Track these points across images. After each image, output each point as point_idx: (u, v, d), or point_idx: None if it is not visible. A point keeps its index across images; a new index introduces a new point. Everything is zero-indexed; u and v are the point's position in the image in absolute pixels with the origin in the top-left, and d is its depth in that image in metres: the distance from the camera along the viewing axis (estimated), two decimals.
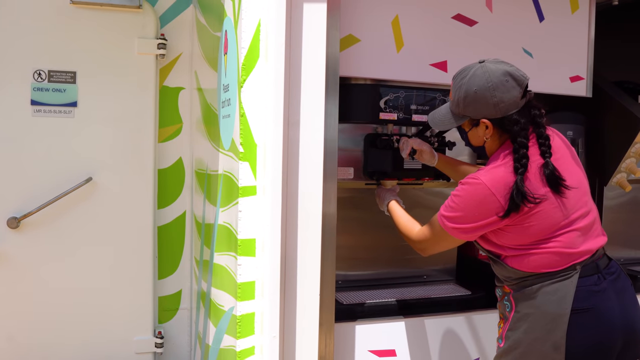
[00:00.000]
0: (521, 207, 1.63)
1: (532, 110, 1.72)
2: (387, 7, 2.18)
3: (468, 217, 1.69)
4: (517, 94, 1.68)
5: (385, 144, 2.22)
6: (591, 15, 2.54)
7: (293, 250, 1.90)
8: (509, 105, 1.68)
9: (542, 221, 1.66)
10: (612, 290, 1.69)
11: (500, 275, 1.81)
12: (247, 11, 1.87)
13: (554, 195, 1.66)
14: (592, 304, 1.65)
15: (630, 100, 2.72)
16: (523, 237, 1.69)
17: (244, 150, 1.87)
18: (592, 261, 1.70)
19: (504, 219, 1.65)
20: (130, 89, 2.83)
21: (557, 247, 1.67)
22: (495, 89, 1.67)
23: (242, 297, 1.89)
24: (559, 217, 1.67)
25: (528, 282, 1.71)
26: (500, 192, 1.64)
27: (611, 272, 1.72)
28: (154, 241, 2.92)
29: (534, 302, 1.68)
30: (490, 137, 1.76)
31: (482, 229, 1.70)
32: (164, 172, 2.96)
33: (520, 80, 1.69)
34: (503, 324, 1.80)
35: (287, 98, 1.84)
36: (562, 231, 1.67)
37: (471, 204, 1.68)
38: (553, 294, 1.66)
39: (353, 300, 2.27)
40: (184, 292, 3.02)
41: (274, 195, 1.83)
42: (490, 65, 1.70)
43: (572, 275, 1.67)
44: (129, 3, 2.79)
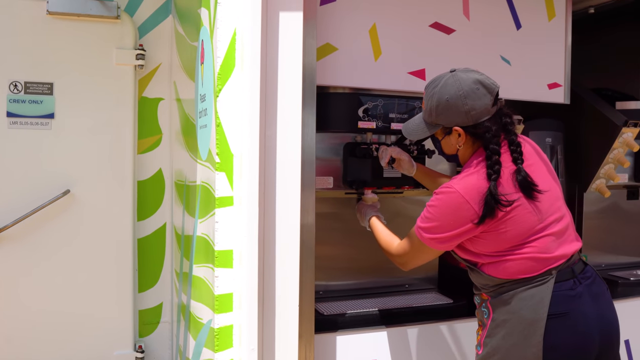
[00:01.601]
0: (496, 212, 1.63)
1: (504, 118, 1.74)
2: (365, 15, 2.18)
3: (444, 227, 1.69)
4: (488, 102, 1.70)
5: (365, 152, 2.21)
6: (568, 23, 2.56)
7: (271, 261, 1.87)
8: (481, 112, 1.70)
9: (517, 226, 1.66)
10: (588, 295, 1.70)
11: (478, 283, 1.81)
12: (223, 20, 1.85)
13: (527, 201, 1.67)
14: (568, 309, 1.65)
15: (608, 107, 2.74)
16: (498, 244, 1.69)
17: (221, 160, 1.85)
18: (567, 266, 1.71)
19: (479, 225, 1.65)
20: (108, 100, 2.80)
21: (532, 252, 1.67)
22: (466, 97, 1.69)
23: (219, 309, 1.86)
24: (533, 222, 1.67)
25: (505, 289, 1.71)
26: (474, 199, 1.65)
27: (587, 277, 1.73)
28: (134, 254, 2.88)
29: (511, 308, 1.68)
30: (462, 145, 1.77)
31: (459, 237, 1.70)
32: (143, 183, 2.93)
33: (491, 88, 1.71)
34: (481, 331, 1.80)
35: (263, 107, 1.83)
36: (536, 236, 1.68)
37: (446, 213, 1.68)
38: (529, 299, 1.66)
39: (334, 311, 2.24)
40: (165, 305, 2.98)
41: (250, 205, 1.81)
42: (461, 74, 1.72)
43: (548, 280, 1.67)
44: (106, 13, 2.77)
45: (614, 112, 2.71)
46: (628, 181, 2.91)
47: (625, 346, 2.60)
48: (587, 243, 2.92)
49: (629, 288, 2.75)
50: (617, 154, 2.68)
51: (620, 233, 3.06)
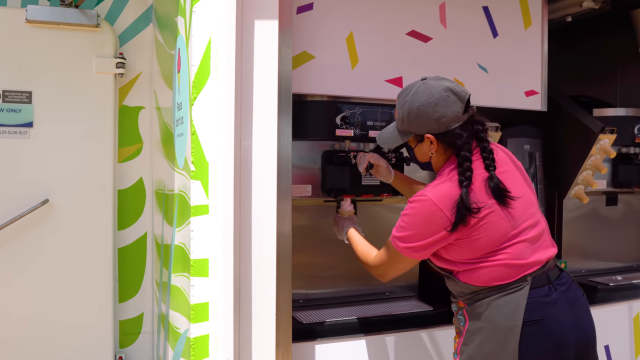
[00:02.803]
0: (468, 219, 1.63)
1: (475, 125, 1.75)
2: (341, 23, 2.19)
3: (418, 235, 1.69)
4: (458, 109, 1.71)
5: (343, 160, 2.21)
6: (544, 31, 2.59)
7: (247, 270, 1.86)
8: (451, 119, 1.71)
9: (490, 233, 1.66)
10: (564, 301, 1.70)
11: (454, 291, 1.81)
12: (198, 28, 1.85)
13: (500, 207, 1.68)
14: (543, 315, 1.66)
15: (585, 114, 2.76)
16: (473, 251, 1.69)
17: (196, 168, 1.85)
18: (542, 272, 1.71)
19: (453, 232, 1.65)
20: (88, 109, 2.79)
21: (506, 258, 1.67)
22: (437, 104, 1.70)
23: (195, 318, 1.85)
24: (507, 228, 1.68)
25: (480, 296, 1.71)
26: (447, 206, 1.65)
27: (562, 283, 1.73)
28: (114, 263, 2.85)
29: (486, 315, 1.69)
30: (435, 153, 1.79)
31: (434, 245, 1.70)
32: (124, 192, 2.91)
33: (461, 95, 1.72)
34: (458, 338, 1.80)
35: (238, 115, 1.82)
36: (510, 242, 1.68)
37: (420, 221, 1.69)
38: (504, 306, 1.66)
39: (313, 319, 2.23)
40: (146, 316, 2.95)
41: (226, 214, 1.80)
42: (431, 82, 1.74)
43: (523, 287, 1.67)
44: (86, 22, 2.75)
45: (591, 119, 2.73)
46: (606, 187, 2.94)
47: (605, 352, 2.61)
48: (567, 249, 2.93)
49: (608, 294, 2.76)
50: (595, 161, 2.71)
51: (599, 239, 3.08)
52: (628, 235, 3.20)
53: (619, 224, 3.15)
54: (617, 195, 3.11)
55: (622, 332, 2.69)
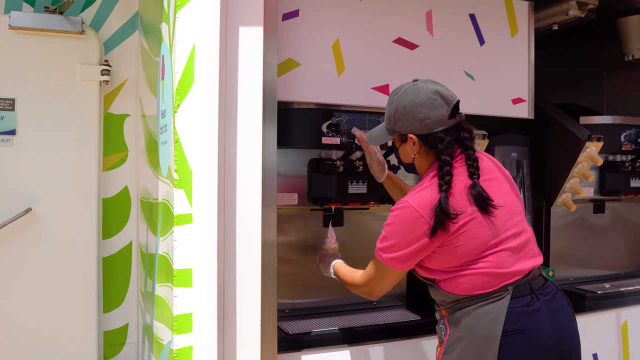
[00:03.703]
0: (447, 224, 1.62)
1: (462, 132, 1.74)
2: (328, 31, 2.17)
3: (401, 244, 1.68)
4: (444, 113, 1.71)
5: (329, 168, 2.19)
6: (530, 39, 2.59)
7: (231, 280, 1.84)
8: (435, 122, 1.71)
9: (471, 241, 1.65)
10: (547, 310, 1.68)
11: (437, 299, 1.80)
12: (181, 35, 1.83)
13: (481, 215, 1.66)
14: (524, 325, 1.64)
15: (572, 122, 2.77)
16: (454, 259, 1.67)
17: (179, 177, 1.82)
18: (525, 281, 1.70)
19: (433, 238, 1.64)
20: (72, 116, 2.75)
21: (487, 267, 1.66)
22: (422, 105, 1.71)
23: (178, 329, 1.82)
24: (488, 236, 1.66)
25: (461, 305, 1.70)
26: (428, 212, 1.64)
27: (546, 292, 1.72)
28: (99, 273, 2.81)
29: (467, 325, 1.67)
30: (418, 155, 1.78)
31: (417, 254, 1.69)
32: (109, 201, 2.87)
33: (448, 100, 1.72)
34: (440, 347, 1.78)
35: (222, 123, 1.80)
36: (491, 251, 1.66)
37: (402, 230, 1.68)
38: (485, 316, 1.65)
39: (300, 330, 2.21)
40: (131, 326, 2.91)
41: (209, 223, 1.77)
42: (421, 84, 1.75)
43: (504, 296, 1.66)
44: (71, 28, 2.73)
45: (578, 126, 2.74)
46: (593, 195, 2.94)
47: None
48: (555, 257, 2.93)
49: (596, 302, 2.76)
50: (582, 168, 2.71)
51: (587, 247, 3.08)
52: (615, 242, 3.20)
53: (606, 231, 3.16)
54: (605, 203, 3.11)
55: (610, 340, 2.68)
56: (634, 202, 3.26)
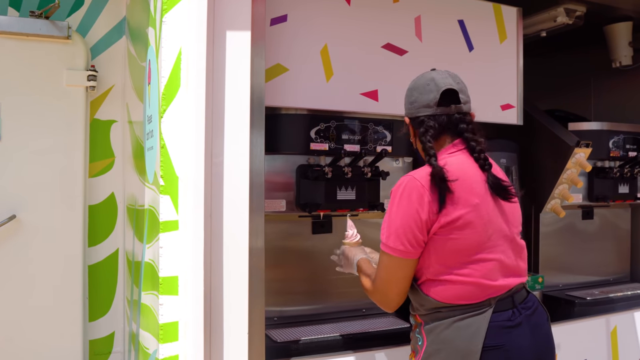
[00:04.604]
0: (446, 192, 1.59)
1: (460, 124, 1.73)
2: (316, 36, 2.16)
3: (403, 224, 1.62)
4: (431, 98, 1.72)
5: (318, 174, 2.17)
6: (519, 45, 2.60)
7: (218, 288, 1.81)
8: (422, 106, 1.74)
9: (464, 238, 1.61)
10: (527, 326, 1.65)
11: (414, 302, 1.74)
12: (168, 39, 1.81)
13: (481, 216, 1.62)
14: (504, 341, 1.60)
15: (560, 128, 2.77)
16: (443, 255, 1.63)
17: (165, 183, 1.79)
18: (508, 295, 1.66)
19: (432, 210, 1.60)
20: (58, 122, 2.72)
21: (473, 276, 1.61)
22: (415, 89, 1.78)
23: (164, 338, 1.78)
24: (481, 240, 1.62)
25: (441, 315, 1.65)
26: (426, 180, 1.62)
27: (528, 307, 1.69)
28: (84, 281, 2.77)
29: (446, 337, 1.62)
30: (414, 139, 1.82)
31: (420, 229, 1.61)
32: (95, 208, 2.84)
33: (439, 85, 1.72)
34: (414, 358, 1.73)
35: (209, 128, 1.78)
36: (481, 256, 1.62)
37: (402, 205, 1.63)
38: (465, 329, 1.60)
39: (288, 338, 2.18)
40: (117, 335, 2.87)
41: (196, 230, 1.75)
42: (429, 71, 1.81)
43: (487, 310, 1.62)
44: (57, 33, 2.70)
45: (566, 133, 2.74)
46: (582, 201, 2.94)
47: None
48: (544, 263, 2.93)
49: (586, 308, 2.75)
50: (571, 174, 2.71)
51: (576, 253, 3.08)
52: (604, 248, 3.21)
53: (595, 237, 3.16)
54: (593, 209, 3.12)
55: (599, 346, 2.68)
56: (622, 208, 3.28)
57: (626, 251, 3.32)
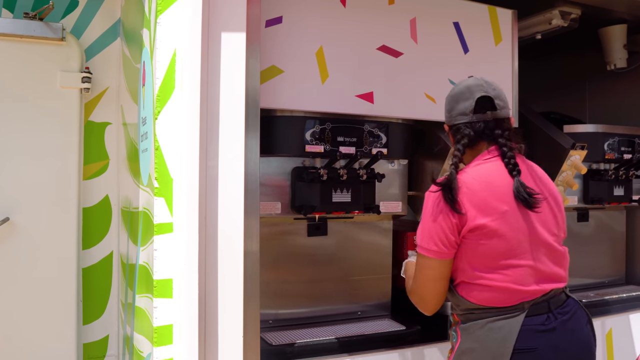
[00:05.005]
0: (455, 203, 1.62)
1: (495, 130, 1.75)
2: (311, 38, 2.16)
3: (431, 225, 1.66)
4: (467, 106, 1.76)
5: (313, 177, 2.16)
6: (514, 47, 2.60)
7: (213, 291, 1.80)
8: (458, 114, 1.78)
9: (493, 243, 1.63)
10: (562, 330, 1.65)
11: (452, 302, 1.78)
12: (162, 41, 1.80)
13: (511, 223, 1.63)
14: (537, 345, 1.61)
15: (555, 130, 2.77)
16: (473, 258, 1.65)
17: (159, 185, 1.78)
18: (543, 300, 1.66)
19: (452, 212, 1.63)
20: (52, 124, 2.70)
21: (504, 281, 1.63)
22: (452, 97, 1.83)
23: (158, 342, 1.77)
24: (511, 245, 1.63)
25: (474, 316, 1.68)
26: None
27: (565, 312, 1.68)
28: (78, 284, 2.75)
29: (478, 337, 1.65)
30: (454, 145, 1.82)
31: (446, 236, 1.65)
32: (89, 210, 2.82)
33: (474, 94, 1.76)
34: (450, 354, 1.77)
35: (203, 130, 1.77)
36: (512, 262, 1.64)
37: (429, 211, 1.68)
38: (497, 331, 1.62)
39: (283, 341, 2.17)
40: (111, 338, 2.85)
41: (190, 232, 1.74)
42: (465, 79, 1.85)
43: (519, 314, 1.63)
44: (51, 35, 2.68)
45: (561, 135, 2.74)
46: (577, 203, 2.94)
47: None
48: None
49: None
50: (566, 177, 2.71)
51: (571, 255, 3.04)
52: (599, 251, 3.21)
53: (590, 240, 3.16)
54: (589, 211, 3.12)
55: None
56: (617, 210, 3.28)
57: (621, 253, 3.32)
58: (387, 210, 2.41)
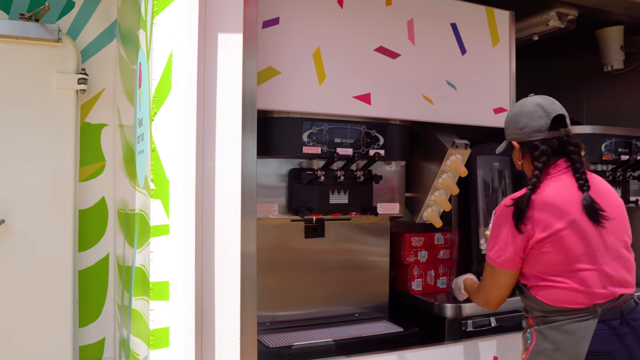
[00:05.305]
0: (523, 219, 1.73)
1: (567, 146, 1.85)
2: (308, 39, 2.15)
3: (501, 239, 1.78)
4: (542, 123, 1.84)
5: (310, 178, 2.16)
6: (511, 48, 2.60)
7: (210, 293, 1.79)
8: (533, 131, 1.85)
9: (558, 251, 1.71)
10: (634, 336, 1.70)
11: (527, 306, 1.85)
12: (159, 42, 1.79)
13: (577, 231, 1.72)
14: (611, 348, 1.67)
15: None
16: (539, 264, 1.75)
17: (156, 186, 1.77)
18: (615, 305, 1.72)
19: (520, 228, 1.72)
20: (48, 126, 2.69)
21: (573, 283, 1.71)
22: (523, 115, 1.88)
23: (155, 344, 1.76)
24: (578, 253, 1.71)
25: (550, 319, 1.75)
26: None
27: (635, 318, 1.74)
28: (74, 286, 2.74)
29: (553, 339, 1.72)
30: (522, 162, 1.92)
31: (515, 249, 1.76)
32: (85, 212, 2.81)
33: (549, 112, 1.85)
34: (524, 355, 1.82)
35: (200, 131, 1.76)
36: (580, 266, 1.71)
37: (498, 225, 1.80)
38: (572, 333, 1.69)
39: (280, 343, 2.16)
40: (108, 341, 2.83)
41: (187, 234, 1.73)
42: (530, 98, 1.93)
43: (593, 317, 1.68)
44: (47, 36, 2.67)
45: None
46: None
47: None
48: None
49: None
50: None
51: None
52: None
53: None
54: None
55: None
56: None
57: None
58: (384, 211, 2.41)
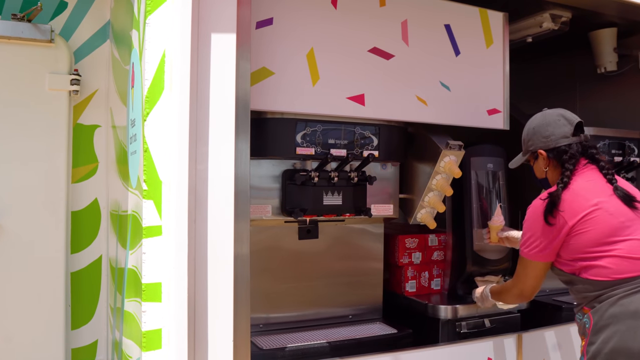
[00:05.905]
0: (555, 214, 1.86)
1: (589, 149, 2.01)
2: (302, 39, 2.15)
3: (535, 233, 1.91)
4: (567, 130, 2.01)
5: (304, 179, 2.15)
6: (505, 50, 2.60)
7: (203, 295, 1.78)
8: (559, 137, 2.01)
9: (598, 226, 1.83)
10: None
11: (579, 296, 1.92)
12: (152, 41, 1.78)
13: (608, 207, 1.86)
14: None
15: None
16: (585, 244, 1.84)
17: (148, 187, 1.76)
18: None
19: (554, 220, 1.85)
20: (40, 127, 2.67)
21: (620, 251, 1.81)
22: (548, 124, 2.04)
23: (147, 346, 1.75)
24: (616, 223, 1.84)
25: (604, 296, 1.82)
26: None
27: None
28: (67, 288, 2.71)
29: (611, 313, 1.79)
30: (548, 168, 2.06)
31: (550, 241, 1.89)
32: (78, 214, 2.79)
33: (571, 120, 2.03)
34: (584, 341, 1.88)
35: (193, 132, 1.75)
36: (621, 237, 1.83)
37: (532, 220, 1.93)
38: (628, 305, 1.77)
39: (274, 345, 2.16)
40: (100, 343, 2.82)
41: (179, 235, 1.72)
42: (548, 110, 2.10)
43: None
44: (40, 37, 2.65)
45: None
46: None
47: None
48: None
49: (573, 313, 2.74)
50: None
51: None
52: None
53: None
54: None
55: None
56: None
57: None
58: (378, 213, 2.40)
